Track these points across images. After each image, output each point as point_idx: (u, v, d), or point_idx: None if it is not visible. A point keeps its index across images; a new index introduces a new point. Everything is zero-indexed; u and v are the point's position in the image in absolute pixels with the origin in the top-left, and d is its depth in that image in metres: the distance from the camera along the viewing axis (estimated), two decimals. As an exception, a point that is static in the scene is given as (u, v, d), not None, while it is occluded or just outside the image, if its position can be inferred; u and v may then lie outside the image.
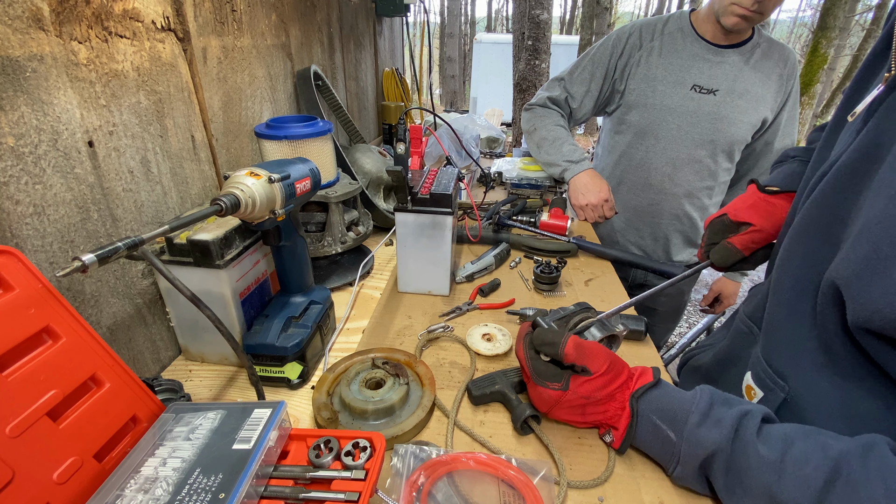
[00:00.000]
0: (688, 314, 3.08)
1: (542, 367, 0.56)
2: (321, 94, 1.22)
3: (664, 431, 0.51)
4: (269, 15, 0.97)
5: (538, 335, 0.57)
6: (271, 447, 0.43)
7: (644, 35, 1.19)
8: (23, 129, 0.47)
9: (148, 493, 0.38)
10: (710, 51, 1.11)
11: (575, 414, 0.56)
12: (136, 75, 0.62)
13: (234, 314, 0.65)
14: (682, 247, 1.33)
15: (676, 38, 1.15)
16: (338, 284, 0.91)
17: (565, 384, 0.54)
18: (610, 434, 0.56)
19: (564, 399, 0.54)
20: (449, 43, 11.78)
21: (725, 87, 1.10)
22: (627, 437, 0.53)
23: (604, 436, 0.57)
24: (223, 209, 0.48)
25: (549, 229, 1.15)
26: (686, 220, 1.28)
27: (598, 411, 0.55)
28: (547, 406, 0.56)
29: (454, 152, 1.57)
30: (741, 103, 1.10)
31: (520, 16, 3.32)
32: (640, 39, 1.19)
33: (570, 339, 0.55)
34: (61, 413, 0.40)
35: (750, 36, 1.12)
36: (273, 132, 0.73)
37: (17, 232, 0.48)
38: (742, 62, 1.10)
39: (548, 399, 0.55)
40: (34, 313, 0.39)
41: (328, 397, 0.62)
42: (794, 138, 1.17)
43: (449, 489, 0.50)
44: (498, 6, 23.83)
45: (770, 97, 1.11)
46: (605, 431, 0.57)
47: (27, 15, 0.47)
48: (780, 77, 1.11)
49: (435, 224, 0.82)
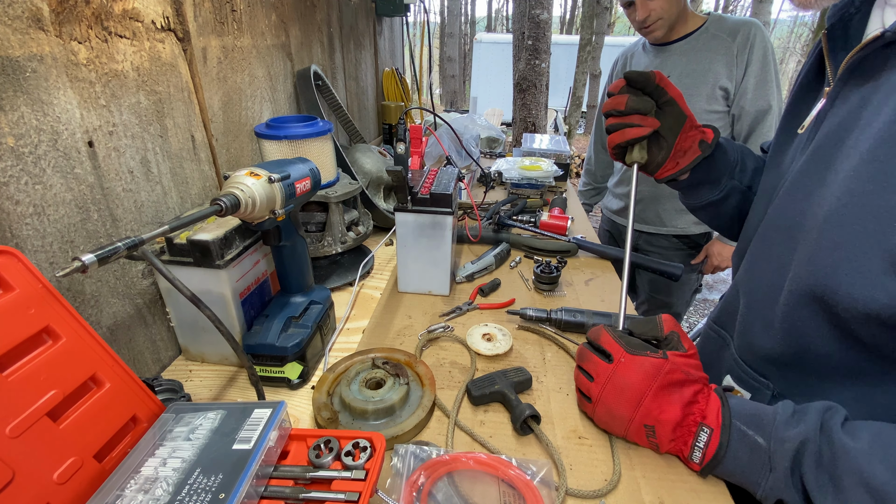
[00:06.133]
0: (688, 314, 3.08)
1: (636, 342, 0.54)
2: (321, 94, 1.22)
3: (752, 437, 0.48)
4: (269, 15, 0.97)
5: (634, 322, 0.59)
6: (271, 447, 0.43)
7: (620, 60, 1.54)
8: (23, 129, 0.47)
9: (148, 493, 0.38)
10: (661, 50, 1.38)
11: (672, 395, 0.51)
12: (136, 75, 0.62)
13: (234, 314, 0.65)
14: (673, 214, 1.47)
15: (638, 51, 1.48)
16: (338, 284, 0.91)
17: (663, 353, 0.52)
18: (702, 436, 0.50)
19: (666, 369, 0.51)
20: (449, 43, 11.78)
21: (677, 71, 1.33)
22: (723, 436, 0.49)
23: (692, 451, 0.51)
24: (223, 209, 0.48)
25: (549, 229, 1.15)
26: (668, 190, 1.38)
27: (692, 392, 0.51)
28: (648, 380, 0.51)
29: (454, 152, 1.57)
30: (689, 81, 1.31)
31: (520, 15, 3.32)
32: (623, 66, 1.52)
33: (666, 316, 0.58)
34: (61, 413, 0.40)
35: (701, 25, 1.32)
36: (273, 132, 0.73)
37: (17, 232, 0.48)
38: (689, 49, 1.32)
39: (650, 369, 0.51)
40: (34, 313, 0.39)
41: (328, 397, 0.62)
42: (769, 101, 1.26)
43: (449, 489, 0.50)
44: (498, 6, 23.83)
45: (721, 69, 1.28)
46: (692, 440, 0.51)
47: (27, 15, 0.47)
48: (729, 49, 1.27)
49: (435, 224, 0.82)
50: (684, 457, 0.52)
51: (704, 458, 0.50)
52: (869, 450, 0.41)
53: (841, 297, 0.44)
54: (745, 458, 0.48)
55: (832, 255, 0.45)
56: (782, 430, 0.46)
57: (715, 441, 0.49)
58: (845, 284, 0.44)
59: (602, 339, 0.56)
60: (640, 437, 0.54)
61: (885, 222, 0.41)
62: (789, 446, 0.45)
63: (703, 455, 0.50)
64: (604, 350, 0.56)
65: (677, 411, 0.51)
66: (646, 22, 1.29)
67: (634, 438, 0.55)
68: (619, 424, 0.54)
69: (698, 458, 0.51)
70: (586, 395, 0.58)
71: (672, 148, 0.66)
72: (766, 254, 0.57)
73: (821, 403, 0.47)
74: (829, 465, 0.43)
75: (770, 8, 6.05)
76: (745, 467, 0.48)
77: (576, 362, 0.60)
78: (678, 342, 0.55)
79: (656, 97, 0.65)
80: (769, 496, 0.47)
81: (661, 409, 0.51)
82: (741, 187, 0.72)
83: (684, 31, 1.34)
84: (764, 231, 0.58)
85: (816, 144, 0.52)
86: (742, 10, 16.90)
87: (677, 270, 0.98)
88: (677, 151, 0.67)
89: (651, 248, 1.54)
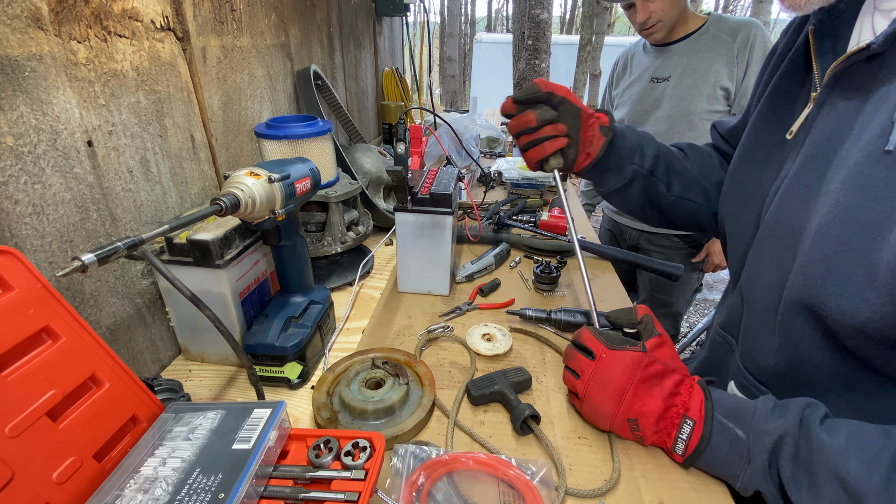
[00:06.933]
0: (688, 314, 3.08)
1: (616, 337, 0.56)
2: (321, 93, 1.21)
3: (732, 430, 0.49)
4: (269, 14, 0.97)
5: (612, 313, 0.60)
6: (271, 447, 0.43)
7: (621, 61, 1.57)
8: (22, 128, 0.47)
9: (147, 493, 0.38)
10: (661, 51, 1.40)
11: (653, 388, 0.53)
12: (136, 75, 0.62)
13: (234, 314, 0.65)
14: None
15: (639, 51, 1.50)
16: (338, 284, 0.91)
17: (642, 346, 0.54)
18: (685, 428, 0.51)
19: (645, 362, 0.53)
20: (449, 43, 11.77)
21: (677, 72, 1.35)
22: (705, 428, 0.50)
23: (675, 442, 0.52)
24: (223, 209, 0.48)
25: (549, 229, 1.15)
26: None
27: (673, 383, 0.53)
28: (628, 374, 0.53)
29: (454, 152, 1.57)
30: (689, 81, 1.33)
31: (520, 15, 3.32)
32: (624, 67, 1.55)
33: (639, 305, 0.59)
34: (61, 413, 0.40)
35: (701, 25, 1.33)
36: (273, 132, 0.73)
37: (16, 232, 0.48)
38: (689, 49, 1.33)
39: (630, 363, 0.53)
40: (34, 313, 0.39)
41: (328, 397, 0.62)
42: None
43: (449, 489, 0.50)
44: (498, 6, 23.83)
45: (722, 69, 1.29)
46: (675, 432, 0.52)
47: (26, 14, 0.47)
48: (729, 50, 1.28)
49: (435, 224, 0.82)
50: (667, 448, 0.54)
51: (687, 449, 0.51)
52: (845, 446, 0.42)
53: (830, 308, 0.45)
54: (726, 450, 0.49)
55: (822, 266, 0.46)
56: (762, 424, 0.47)
57: (697, 433, 0.51)
58: (834, 296, 0.44)
59: (583, 336, 0.58)
60: (625, 431, 0.55)
61: (868, 237, 0.42)
62: (768, 439, 0.46)
63: (686, 447, 0.51)
64: (586, 347, 0.57)
65: (658, 403, 0.52)
66: (646, 24, 1.30)
67: (620, 432, 0.56)
68: (603, 420, 0.56)
69: (681, 449, 0.52)
70: (575, 393, 0.59)
71: (579, 142, 0.68)
72: (767, 261, 0.57)
73: (802, 399, 0.48)
74: (805, 460, 0.44)
75: (770, 8, 6.05)
76: (724, 459, 0.50)
77: (563, 362, 0.62)
78: (652, 326, 0.57)
79: (550, 102, 0.66)
80: (747, 488, 0.48)
81: (643, 402, 0.53)
82: (643, 172, 0.74)
83: (685, 31, 1.34)
84: (763, 237, 0.58)
85: (809, 152, 0.52)
86: (742, 10, 16.90)
87: (677, 271, 0.98)
88: (584, 143, 0.69)
89: (652, 248, 1.55)
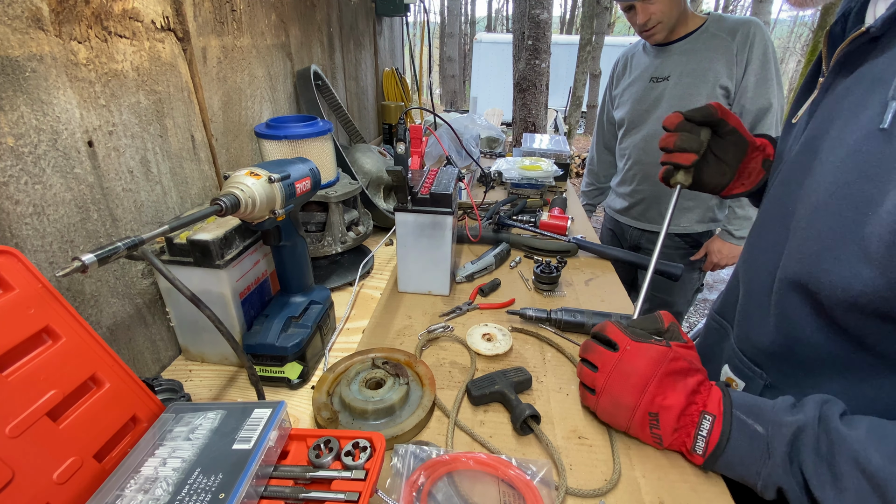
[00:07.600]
0: (689, 314, 3.08)
1: (641, 332, 0.57)
2: (321, 93, 1.22)
3: (751, 426, 0.49)
4: (269, 15, 0.97)
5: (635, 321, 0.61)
6: (271, 447, 0.43)
7: (621, 61, 1.56)
8: (22, 128, 0.47)
9: (148, 493, 0.38)
10: (661, 51, 1.39)
11: (676, 382, 0.52)
12: (136, 75, 0.62)
13: (234, 314, 0.65)
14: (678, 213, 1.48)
15: (638, 51, 1.49)
16: (338, 284, 0.91)
17: (667, 342, 0.54)
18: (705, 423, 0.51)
19: (670, 356, 0.52)
20: (449, 43, 11.77)
21: (677, 71, 1.34)
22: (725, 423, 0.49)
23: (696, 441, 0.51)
24: (223, 209, 0.48)
25: (549, 229, 1.15)
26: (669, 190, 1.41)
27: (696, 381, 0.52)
28: (653, 366, 0.52)
29: (454, 152, 1.57)
30: (689, 80, 1.33)
31: (520, 15, 3.32)
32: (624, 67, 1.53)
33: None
34: (61, 413, 0.40)
35: (701, 25, 1.32)
36: (273, 132, 0.73)
37: (16, 232, 0.48)
38: (689, 49, 1.33)
39: (655, 355, 0.53)
40: (34, 313, 0.39)
41: (328, 397, 0.62)
42: (769, 99, 1.27)
43: (449, 489, 0.50)
44: (498, 6, 23.83)
45: (721, 68, 1.28)
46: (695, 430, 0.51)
47: (27, 15, 0.47)
48: (729, 49, 1.28)
49: (435, 224, 0.82)
50: (687, 449, 0.53)
51: (707, 448, 0.50)
52: (865, 438, 0.42)
53: (823, 284, 0.46)
54: (745, 447, 0.48)
55: (817, 243, 0.47)
56: (780, 417, 0.47)
57: (717, 429, 0.50)
58: (826, 272, 0.45)
59: (608, 329, 0.58)
60: (643, 429, 0.54)
61: (861, 211, 0.43)
62: (786, 430, 0.46)
63: (706, 445, 0.50)
64: (609, 340, 0.57)
65: (681, 398, 0.52)
66: (646, 25, 1.31)
67: (637, 431, 0.55)
68: (623, 414, 0.55)
69: (701, 448, 0.51)
70: (590, 388, 0.58)
71: (735, 172, 0.72)
72: (763, 242, 0.58)
73: (819, 396, 0.48)
74: (826, 453, 0.43)
75: (770, 8, 6.06)
76: (744, 457, 0.49)
77: (579, 356, 0.61)
78: (678, 333, 0.57)
79: (719, 129, 0.69)
80: (768, 484, 0.47)
81: (666, 396, 0.52)
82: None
83: (684, 31, 1.35)
84: (761, 220, 0.60)
85: (808, 135, 0.54)
86: (742, 9, 16.90)
87: (677, 270, 0.98)
88: (742, 174, 0.73)
89: (653, 247, 1.54)
